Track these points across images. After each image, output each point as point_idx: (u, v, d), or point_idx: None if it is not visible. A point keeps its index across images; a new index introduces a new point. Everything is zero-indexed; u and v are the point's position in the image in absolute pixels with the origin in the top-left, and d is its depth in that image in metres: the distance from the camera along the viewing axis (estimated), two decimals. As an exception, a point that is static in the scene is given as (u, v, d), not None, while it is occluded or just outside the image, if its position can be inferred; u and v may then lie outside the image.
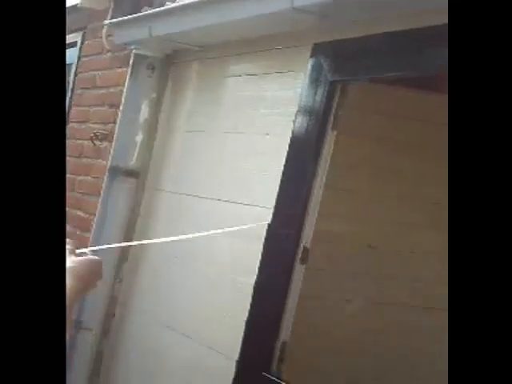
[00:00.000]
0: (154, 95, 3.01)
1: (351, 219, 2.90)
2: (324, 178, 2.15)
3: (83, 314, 2.97)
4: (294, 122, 2.25)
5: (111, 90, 3.31)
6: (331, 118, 2.15)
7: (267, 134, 2.39)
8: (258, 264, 2.27)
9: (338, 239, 2.83)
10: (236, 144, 2.55)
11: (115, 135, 3.09)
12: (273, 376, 2.15)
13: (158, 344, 2.68)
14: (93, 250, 1.38)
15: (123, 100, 3.03)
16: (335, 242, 2.81)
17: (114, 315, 2.97)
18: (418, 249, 3.01)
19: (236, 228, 2.28)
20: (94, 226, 3.02)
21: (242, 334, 2.28)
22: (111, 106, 3.26)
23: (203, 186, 2.68)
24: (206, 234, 2.34)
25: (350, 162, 2.69)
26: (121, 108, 3.04)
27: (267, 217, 2.28)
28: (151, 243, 2.86)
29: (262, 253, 2.27)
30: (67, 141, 3.51)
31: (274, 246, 2.25)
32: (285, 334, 2.18)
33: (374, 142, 2.82)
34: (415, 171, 2.96)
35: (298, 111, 2.24)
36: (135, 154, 3.02)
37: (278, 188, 2.27)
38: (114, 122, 3.15)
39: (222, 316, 2.39)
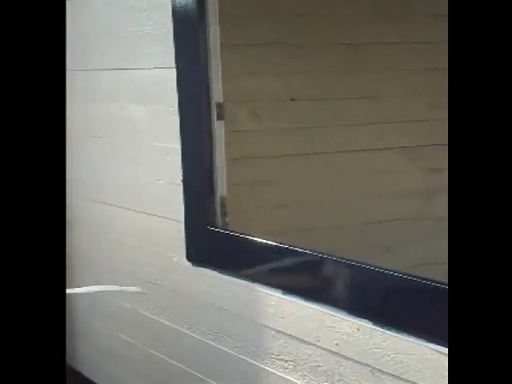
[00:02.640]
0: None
1: (266, 75, 2.92)
2: (218, 34, 2.13)
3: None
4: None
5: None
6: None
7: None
8: (178, 129, 2.29)
9: (259, 97, 2.86)
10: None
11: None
12: (218, 229, 2.24)
13: (104, 221, 2.74)
14: None
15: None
16: (256, 101, 2.85)
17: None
18: (339, 94, 3.07)
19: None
20: None
21: (182, 195, 2.34)
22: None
23: (95, 58, 2.63)
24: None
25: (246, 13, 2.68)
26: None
27: (172, 78, 2.27)
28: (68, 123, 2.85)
29: (179, 116, 2.28)
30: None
31: (188, 107, 2.26)
32: (221, 189, 2.25)
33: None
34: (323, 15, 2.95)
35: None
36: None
37: (173, 47, 2.25)
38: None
39: (159, 183, 2.44)
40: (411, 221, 3.18)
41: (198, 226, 2.30)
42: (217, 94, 2.18)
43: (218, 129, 2.21)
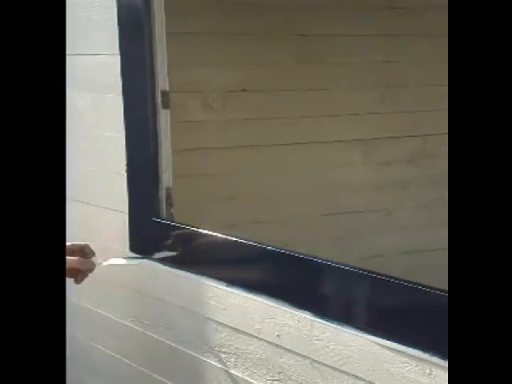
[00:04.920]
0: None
1: (217, 65, 2.89)
2: (163, 21, 2.08)
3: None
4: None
5: None
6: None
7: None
8: (122, 117, 2.25)
9: (210, 87, 2.83)
10: None
11: None
12: (163, 220, 2.20)
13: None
14: None
15: None
16: (207, 91, 2.82)
17: None
18: (292, 85, 3.04)
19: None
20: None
21: (127, 186, 2.29)
22: None
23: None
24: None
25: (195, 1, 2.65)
26: None
27: (116, 65, 2.22)
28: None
29: (123, 105, 2.24)
30: None
31: (132, 95, 2.22)
32: (166, 180, 2.21)
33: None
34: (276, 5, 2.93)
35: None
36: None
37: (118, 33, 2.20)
38: None
39: (102, 172, 2.39)
40: (362, 213, 3.17)
41: (142, 217, 2.26)
42: (162, 82, 2.14)
43: (164, 118, 2.17)
